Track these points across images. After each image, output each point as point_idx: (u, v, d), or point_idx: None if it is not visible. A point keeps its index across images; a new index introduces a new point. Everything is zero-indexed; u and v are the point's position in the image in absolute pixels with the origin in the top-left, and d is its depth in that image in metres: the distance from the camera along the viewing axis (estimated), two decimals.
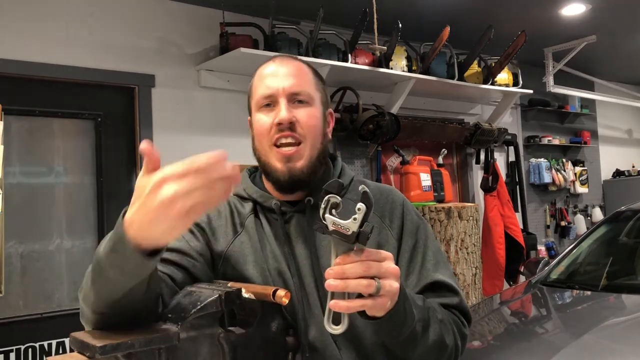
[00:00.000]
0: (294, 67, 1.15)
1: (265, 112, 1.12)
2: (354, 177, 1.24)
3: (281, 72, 1.13)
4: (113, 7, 3.35)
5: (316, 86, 1.16)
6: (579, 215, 6.12)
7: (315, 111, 1.14)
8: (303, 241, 1.11)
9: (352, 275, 0.85)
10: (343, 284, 0.85)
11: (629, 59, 5.78)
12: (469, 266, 3.94)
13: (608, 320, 2.38)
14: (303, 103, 1.12)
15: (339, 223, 0.85)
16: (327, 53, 3.78)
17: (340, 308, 0.86)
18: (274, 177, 1.12)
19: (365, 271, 0.85)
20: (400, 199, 1.22)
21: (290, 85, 1.11)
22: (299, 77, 1.13)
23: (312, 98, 1.14)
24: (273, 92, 1.11)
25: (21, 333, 2.97)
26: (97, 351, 0.88)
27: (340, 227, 0.85)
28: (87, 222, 3.25)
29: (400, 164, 4.48)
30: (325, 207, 0.87)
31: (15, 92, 3.04)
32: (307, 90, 1.13)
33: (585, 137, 6.27)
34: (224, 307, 0.95)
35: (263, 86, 1.13)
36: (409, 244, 1.16)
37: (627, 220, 3.26)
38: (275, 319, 1.04)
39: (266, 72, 1.14)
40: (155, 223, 0.78)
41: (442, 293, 1.13)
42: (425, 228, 1.20)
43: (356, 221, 0.85)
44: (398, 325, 0.95)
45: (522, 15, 4.31)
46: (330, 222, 0.86)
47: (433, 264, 1.15)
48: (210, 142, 3.61)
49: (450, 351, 1.07)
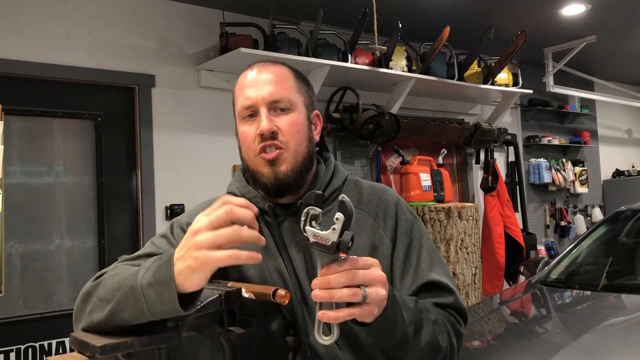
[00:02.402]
0: (273, 73, 1.13)
1: (248, 123, 1.12)
2: (348, 176, 1.23)
3: (260, 80, 1.12)
4: (113, 7, 3.35)
5: (298, 90, 1.15)
6: (578, 215, 6.12)
7: (298, 116, 1.12)
8: (296, 244, 1.12)
9: (337, 285, 0.85)
10: (328, 294, 0.85)
11: (629, 59, 5.77)
12: (469, 266, 3.94)
13: (608, 320, 2.37)
14: (284, 110, 1.11)
15: (319, 234, 0.86)
16: (327, 53, 3.78)
17: (328, 318, 0.86)
18: (261, 182, 1.12)
19: (350, 280, 0.86)
20: (394, 198, 1.21)
21: (269, 94, 1.10)
22: (278, 83, 1.12)
23: (294, 104, 1.12)
24: (253, 103, 1.10)
25: (21, 333, 2.97)
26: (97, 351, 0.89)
27: (321, 238, 0.85)
28: (87, 222, 3.25)
29: (400, 164, 4.48)
30: (305, 219, 0.87)
31: (15, 92, 3.04)
32: (287, 97, 1.11)
33: (585, 137, 6.26)
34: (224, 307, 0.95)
35: (243, 97, 1.12)
36: (404, 243, 1.15)
37: (627, 220, 3.26)
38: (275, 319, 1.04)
39: (245, 82, 1.13)
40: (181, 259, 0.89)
41: (437, 292, 1.12)
42: (420, 227, 1.20)
43: (335, 231, 0.85)
44: (388, 329, 0.95)
45: (522, 15, 4.31)
46: (311, 234, 0.86)
47: (428, 264, 1.14)
48: (210, 142, 3.61)
49: (445, 351, 1.07)
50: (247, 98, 1.11)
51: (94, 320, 0.98)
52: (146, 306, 0.91)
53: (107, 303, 0.96)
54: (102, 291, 0.99)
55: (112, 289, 0.97)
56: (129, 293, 0.93)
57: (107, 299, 0.97)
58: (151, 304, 0.90)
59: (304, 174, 1.13)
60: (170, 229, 1.17)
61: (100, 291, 0.99)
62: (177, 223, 1.18)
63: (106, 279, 1.02)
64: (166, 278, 0.89)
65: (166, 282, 0.89)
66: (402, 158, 4.43)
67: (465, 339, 1.19)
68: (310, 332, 1.06)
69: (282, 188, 1.10)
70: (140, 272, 0.94)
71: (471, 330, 2.46)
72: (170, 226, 1.18)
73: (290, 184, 1.11)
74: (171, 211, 3.39)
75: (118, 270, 1.03)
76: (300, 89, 1.16)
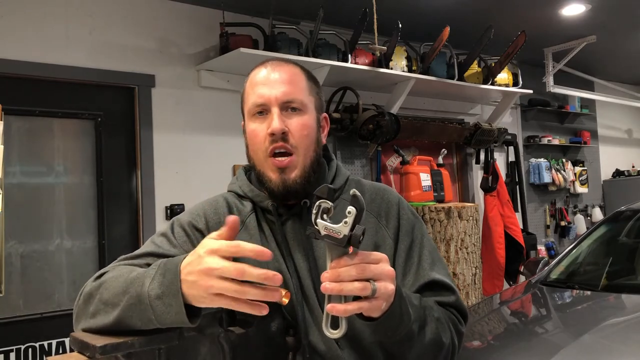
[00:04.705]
0: (287, 72, 1.13)
1: (259, 121, 1.11)
2: (349, 176, 1.23)
3: (273, 79, 1.11)
4: (113, 7, 3.36)
5: (310, 91, 1.15)
6: (578, 215, 6.12)
7: (309, 119, 1.12)
8: (299, 244, 1.11)
9: (348, 278, 0.86)
10: (338, 286, 0.86)
11: (629, 59, 5.77)
12: (469, 266, 3.94)
13: (608, 320, 2.37)
14: (296, 111, 1.10)
15: (331, 227, 0.86)
16: (327, 53, 3.78)
17: (337, 311, 0.87)
18: (268, 187, 1.12)
19: (359, 274, 0.86)
20: (396, 198, 1.21)
21: (282, 94, 1.09)
22: (291, 83, 1.11)
23: (305, 105, 1.12)
24: (265, 101, 1.10)
25: (21, 333, 2.97)
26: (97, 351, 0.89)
27: (332, 231, 0.86)
28: (87, 222, 3.25)
29: (400, 164, 4.48)
30: (317, 212, 0.88)
31: (15, 92, 3.04)
32: (299, 98, 1.11)
33: (585, 137, 6.27)
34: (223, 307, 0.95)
35: (255, 94, 1.11)
36: (406, 243, 1.16)
37: (627, 220, 3.26)
38: (275, 319, 1.04)
39: (258, 79, 1.13)
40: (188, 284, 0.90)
41: (438, 291, 1.13)
42: (421, 227, 1.20)
43: (347, 225, 0.85)
44: (394, 325, 0.95)
45: (522, 15, 4.31)
46: (322, 227, 0.87)
47: (429, 263, 1.15)
48: (210, 142, 3.61)
49: (447, 349, 1.07)
50: (259, 96, 1.10)
51: (99, 324, 0.98)
52: (154, 316, 0.92)
53: (112, 307, 0.96)
54: (106, 294, 0.98)
55: (117, 293, 0.97)
56: (136, 302, 0.93)
57: (112, 303, 0.97)
58: (160, 314, 0.92)
59: (311, 178, 1.12)
60: (170, 227, 1.16)
61: (104, 294, 0.99)
62: (177, 222, 1.17)
63: (109, 280, 1.01)
64: (173, 291, 0.90)
65: (173, 295, 0.90)
66: (402, 158, 4.43)
67: (465, 339, 1.19)
68: (311, 332, 1.06)
69: (290, 194, 1.11)
70: (146, 280, 0.94)
71: (471, 330, 2.46)
72: (170, 225, 1.17)
73: (299, 191, 1.11)
74: (171, 211, 3.39)
75: (120, 271, 1.03)
76: (311, 91, 1.15)
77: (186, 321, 0.90)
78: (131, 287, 0.95)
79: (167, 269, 0.93)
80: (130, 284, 0.96)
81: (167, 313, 0.91)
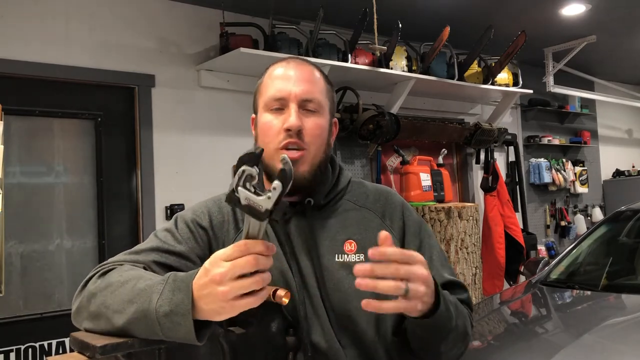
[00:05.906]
0: (308, 72, 1.14)
1: (274, 114, 1.11)
2: (351, 178, 1.24)
3: (294, 76, 1.12)
4: (113, 7, 3.35)
5: (327, 94, 1.16)
6: (579, 215, 6.12)
7: (323, 121, 1.13)
8: (303, 242, 1.11)
9: (382, 275, 0.87)
10: (372, 283, 0.87)
11: (629, 59, 5.77)
12: (469, 266, 3.94)
13: (608, 320, 2.37)
14: (312, 111, 1.11)
15: (252, 199, 0.82)
16: (327, 53, 3.78)
17: (373, 308, 0.88)
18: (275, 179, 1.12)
19: (393, 273, 0.88)
20: (399, 200, 1.23)
21: (302, 92, 1.10)
22: (311, 83, 1.12)
23: (322, 107, 1.13)
24: (284, 96, 1.10)
25: (21, 333, 2.97)
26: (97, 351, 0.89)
27: (253, 203, 0.82)
28: (87, 222, 3.25)
29: (400, 164, 4.48)
30: (239, 178, 0.82)
31: (15, 92, 3.04)
32: (318, 99, 1.12)
33: (585, 137, 6.26)
34: None
35: (274, 88, 1.12)
36: (414, 245, 1.17)
37: (627, 220, 3.26)
38: (275, 319, 1.04)
39: (278, 73, 1.13)
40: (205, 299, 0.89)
41: (453, 290, 1.15)
42: (427, 228, 1.22)
43: (270, 199, 0.81)
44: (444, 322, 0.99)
45: (522, 15, 4.31)
46: (244, 197, 0.82)
47: (440, 265, 1.17)
48: (210, 142, 3.61)
49: (469, 340, 1.12)
50: (279, 90, 1.11)
51: (102, 328, 0.98)
52: (161, 332, 0.92)
53: (116, 314, 0.95)
54: (110, 299, 0.97)
55: (122, 301, 0.96)
56: (141, 316, 0.93)
57: (116, 310, 0.96)
58: (167, 330, 0.91)
59: (318, 177, 1.13)
60: (174, 223, 1.16)
61: (108, 298, 0.98)
62: (181, 218, 1.16)
63: (114, 283, 1.00)
64: (183, 311, 0.89)
65: (182, 315, 0.89)
66: (402, 158, 4.43)
67: None
68: (314, 331, 1.06)
69: (296, 189, 1.09)
70: (153, 295, 0.93)
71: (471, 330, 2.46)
72: (174, 221, 1.16)
73: (305, 186, 1.11)
74: (171, 211, 3.39)
75: (126, 274, 1.01)
76: (328, 94, 1.17)
77: (194, 340, 0.90)
78: (137, 299, 0.94)
79: (176, 286, 0.92)
80: (137, 295, 0.95)
81: (175, 331, 0.91)
